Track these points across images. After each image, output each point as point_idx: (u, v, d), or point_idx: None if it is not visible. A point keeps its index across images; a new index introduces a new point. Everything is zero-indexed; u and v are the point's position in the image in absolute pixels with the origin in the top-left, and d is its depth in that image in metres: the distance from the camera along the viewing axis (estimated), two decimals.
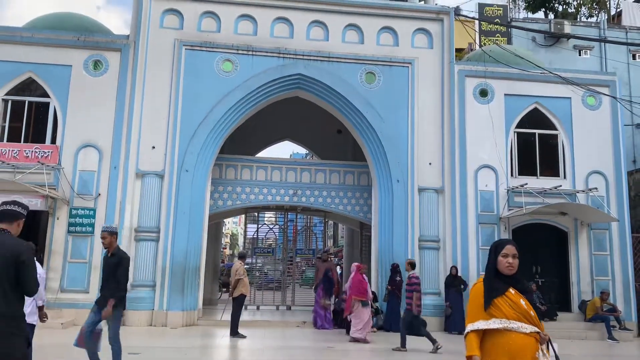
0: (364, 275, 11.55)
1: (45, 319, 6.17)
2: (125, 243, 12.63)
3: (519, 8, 23.43)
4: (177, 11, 13.83)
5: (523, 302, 3.28)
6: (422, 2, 15.38)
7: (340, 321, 13.10)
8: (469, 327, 3.28)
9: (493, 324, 3.21)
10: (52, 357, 8.36)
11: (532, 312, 3.28)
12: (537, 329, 3.26)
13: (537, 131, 14.65)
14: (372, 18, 14.39)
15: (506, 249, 3.36)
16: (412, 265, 11.10)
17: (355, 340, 11.09)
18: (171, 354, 9.48)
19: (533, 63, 14.32)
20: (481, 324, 3.24)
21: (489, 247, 12.53)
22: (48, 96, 13.23)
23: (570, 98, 14.68)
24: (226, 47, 13.69)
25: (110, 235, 6.72)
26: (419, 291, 10.52)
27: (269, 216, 20.83)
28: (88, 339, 6.46)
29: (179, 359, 9.15)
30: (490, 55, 14.39)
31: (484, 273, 3.47)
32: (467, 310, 3.40)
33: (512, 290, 3.29)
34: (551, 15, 23.38)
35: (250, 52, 13.73)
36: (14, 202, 4.02)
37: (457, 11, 30.39)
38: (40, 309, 6.05)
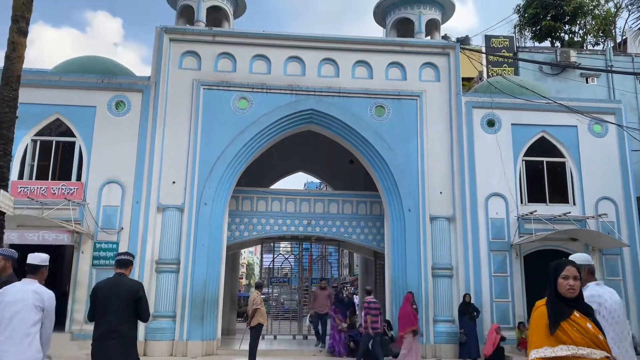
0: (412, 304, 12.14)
1: None
2: (147, 274, 13.14)
3: (525, 38, 24.00)
4: (195, 53, 14.59)
5: (590, 325, 3.08)
6: (429, 37, 15.94)
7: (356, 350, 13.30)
8: (534, 353, 3.08)
9: (560, 351, 3.00)
10: None
11: (601, 336, 3.09)
12: (606, 354, 3.05)
13: (545, 159, 14.98)
14: (381, 54, 15.01)
15: (566, 271, 3.16)
16: (367, 292, 12.49)
17: None
18: None
19: (538, 93, 14.75)
20: (547, 351, 3.02)
21: (500, 274, 12.99)
22: (74, 135, 13.96)
23: (576, 126, 15.03)
24: (242, 86, 14.37)
25: (5, 259, 5.61)
26: (372, 315, 11.58)
27: (284, 246, 21.24)
28: None
29: None
30: (496, 87, 14.87)
31: (544, 297, 3.26)
32: (530, 336, 3.19)
33: (576, 314, 3.11)
34: (558, 44, 23.87)
35: (264, 90, 14.38)
36: (126, 253, 5.58)
37: (466, 41, 31.17)
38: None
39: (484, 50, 22.18)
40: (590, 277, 4.08)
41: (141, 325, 12.78)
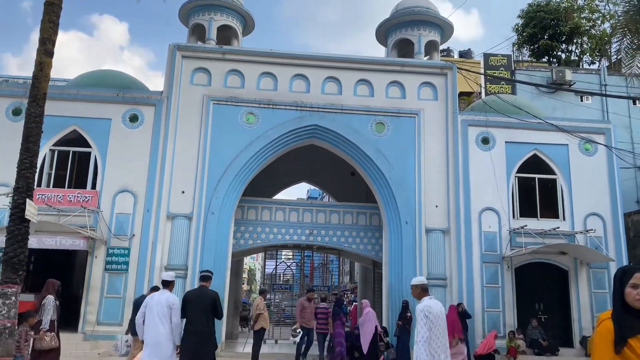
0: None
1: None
2: (156, 279, 13.86)
3: (523, 56, 24.75)
4: (206, 69, 15.39)
5: None
6: (427, 58, 16.72)
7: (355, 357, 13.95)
8: None
9: None
10: None
11: None
12: None
13: (536, 176, 15.70)
14: (381, 73, 15.79)
15: (635, 278, 2.76)
16: (322, 299, 14.18)
17: None
18: None
19: (531, 113, 15.49)
20: None
21: (492, 285, 13.89)
22: (90, 146, 14.75)
23: (567, 145, 15.76)
24: (249, 102, 15.16)
25: None
26: (319, 318, 13.37)
27: (286, 253, 21.94)
28: None
29: None
30: (490, 107, 15.62)
31: (610, 310, 2.88)
32: (593, 353, 2.84)
33: None
34: (555, 61, 24.63)
35: (271, 106, 15.17)
36: (207, 270, 7.93)
37: (468, 54, 31.79)
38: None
39: (481, 66, 22.95)
40: (424, 293, 5.87)
41: None
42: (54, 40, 10.83)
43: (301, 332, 13.78)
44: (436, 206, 15.12)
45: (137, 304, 9.25)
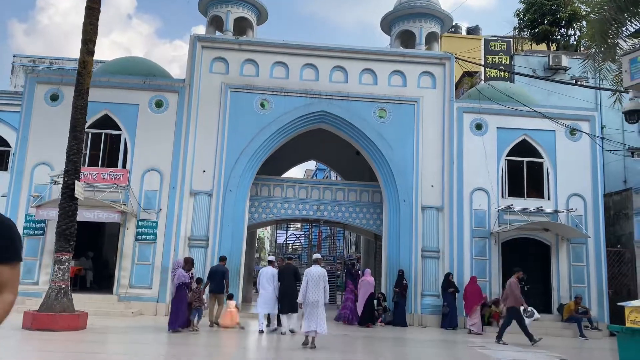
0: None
1: None
2: (181, 249, 15.67)
3: (523, 40, 25.77)
4: (224, 59, 16.85)
5: None
6: (426, 47, 18.00)
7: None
8: None
9: None
10: (125, 335, 11.36)
11: None
12: None
13: (525, 159, 17.18)
14: (384, 63, 17.16)
15: None
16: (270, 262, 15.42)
17: (472, 332, 14.50)
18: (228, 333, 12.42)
19: (520, 102, 16.86)
20: None
21: (480, 258, 16.24)
22: (120, 129, 16.37)
23: (554, 130, 17.16)
24: (263, 89, 16.66)
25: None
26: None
27: (294, 225, 23.68)
28: None
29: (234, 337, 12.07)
30: (484, 95, 17.01)
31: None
32: None
33: None
34: (554, 47, 25.70)
35: (282, 93, 16.66)
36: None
37: (476, 30, 32.73)
38: None
39: (482, 50, 24.10)
40: (316, 262, 10.69)
41: None
42: (95, 40, 12.37)
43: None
44: (432, 186, 16.68)
45: (212, 272, 13.49)
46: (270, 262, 13.66)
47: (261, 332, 12.39)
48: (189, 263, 12.19)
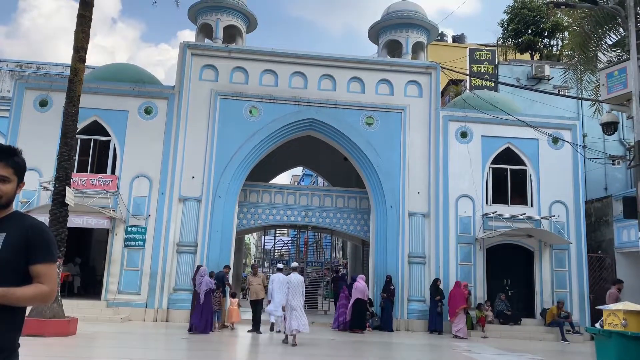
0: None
1: None
2: (169, 255, 15.75)
3: (507, 50, 26.30)
4: (213, 66, 17.02)
5: None
6: (414, 56, 18.35)
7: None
8: None
9: None
10: (118, 341, 11.43)
11: None
12: None
13: (509, 167, 17.56)
14: (372, 72, 17.46)
15: None
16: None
17: (457, 337, 14.64)
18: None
19: (504, 110, 17.24)
20: None
21: (465, 263, 16.74)
22: (109, 135, 16.43)
23: (537, 139, 17.56)
24: (252, 97, 16.84)
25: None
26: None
27: (281, 230, 23.80)
28: None
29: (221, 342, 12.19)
30: (469, 104, 17.38)
31: None
32: None
33: None
34: (537, 56, 26.26)
35: (272, 101, 16.87)
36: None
37: (461, 39, 33.21)
38: None
39: (467, 59, 24.54)
40: (293, 270, 11.87)
41: (164, 296, 15.55)
42: (86, 48, 12.49)
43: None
44: (418, 193, 16.98)
45: (218, 277, 14.17)
46: (279, 270, 14.51)
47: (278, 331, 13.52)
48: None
